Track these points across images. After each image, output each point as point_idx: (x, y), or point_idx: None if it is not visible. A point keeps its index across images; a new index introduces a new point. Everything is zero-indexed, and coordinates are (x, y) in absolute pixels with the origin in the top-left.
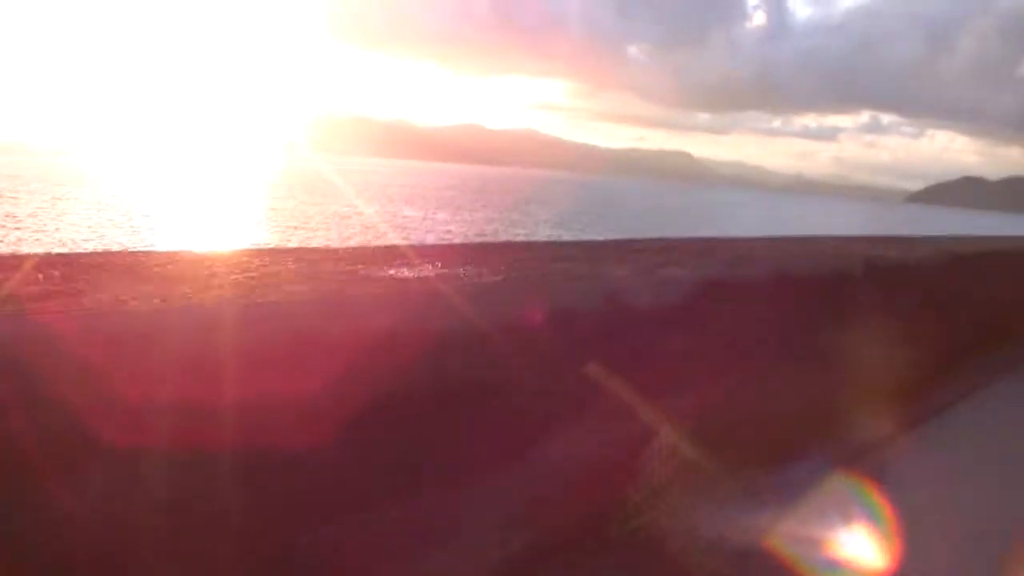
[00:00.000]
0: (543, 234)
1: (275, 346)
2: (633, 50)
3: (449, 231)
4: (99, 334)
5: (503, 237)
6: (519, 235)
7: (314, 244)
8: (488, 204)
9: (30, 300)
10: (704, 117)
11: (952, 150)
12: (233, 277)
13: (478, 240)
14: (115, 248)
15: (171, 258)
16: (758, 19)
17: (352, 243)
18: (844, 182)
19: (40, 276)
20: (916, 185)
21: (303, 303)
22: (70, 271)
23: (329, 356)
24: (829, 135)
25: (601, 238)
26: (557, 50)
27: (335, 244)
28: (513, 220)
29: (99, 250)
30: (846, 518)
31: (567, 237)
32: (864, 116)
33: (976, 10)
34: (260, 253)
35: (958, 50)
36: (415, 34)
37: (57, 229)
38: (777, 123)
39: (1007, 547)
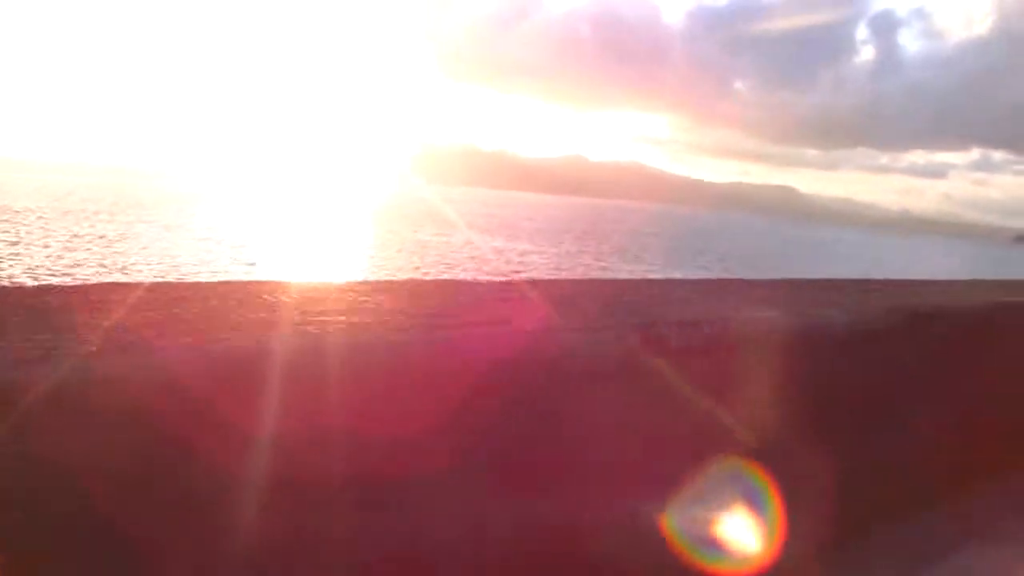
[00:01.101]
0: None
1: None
2: (739, 85)
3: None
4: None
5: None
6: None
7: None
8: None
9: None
10: (811, 153)
11: None
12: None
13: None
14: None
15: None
16: (866, 53)
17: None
18: (952, 220)
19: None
20: None
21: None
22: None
23: None
24: (938, 172)
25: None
26: (662, 85)
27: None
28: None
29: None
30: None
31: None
32: (974, 153)
33: None
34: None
35: None
36: (521, 68)
37: (173, 255)
38: (885, 159)
39: None
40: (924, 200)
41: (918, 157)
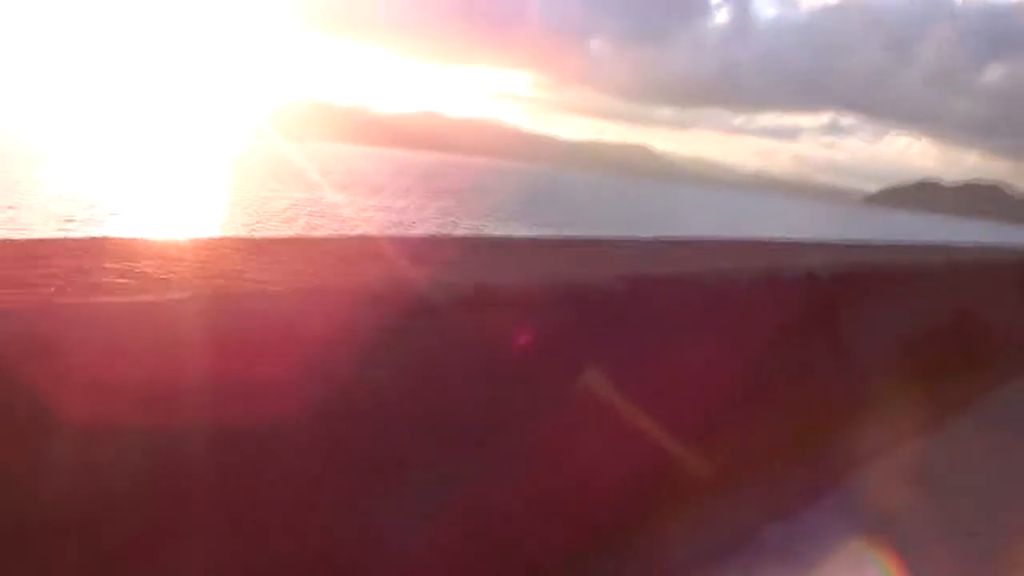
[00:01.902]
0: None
1: None
2: (595, 43)
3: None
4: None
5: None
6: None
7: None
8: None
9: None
10: (665, 112)
11: (910, 154)
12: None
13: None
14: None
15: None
16: (721, 17)
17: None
18: (804, 181)
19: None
20: (874, 187)
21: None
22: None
23: None
24: (790, 134)
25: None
26: (520, 40)
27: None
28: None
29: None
30: None
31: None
32: (825, 117)
33: (938, 15)
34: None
35: (920, 55)
36: (377, 21)
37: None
38: (739, 120)
39: None
40: (777, 161)
41: (771, 119)
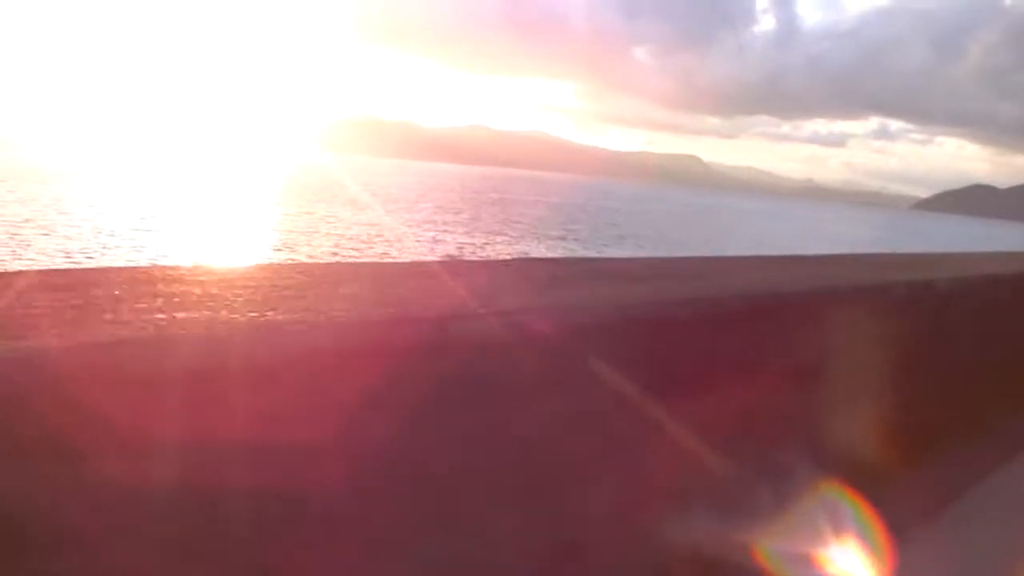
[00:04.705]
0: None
1: None
2: (640, 52)
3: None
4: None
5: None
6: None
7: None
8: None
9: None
10: (712, 121)
11: (961, 157)
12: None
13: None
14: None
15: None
16: (766, 23)
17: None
18: (854, 188)
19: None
20: (924, 192)
21: None
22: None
23: None
24: (838, 141)
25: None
26: (564, 51)
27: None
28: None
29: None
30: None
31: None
32: (873, 122)
33: (985, 17)
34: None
35: (967, 57)
36: (421, 32)
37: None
38: (786, 128)
39: None
40: (826, 168)
41: (819, 126)
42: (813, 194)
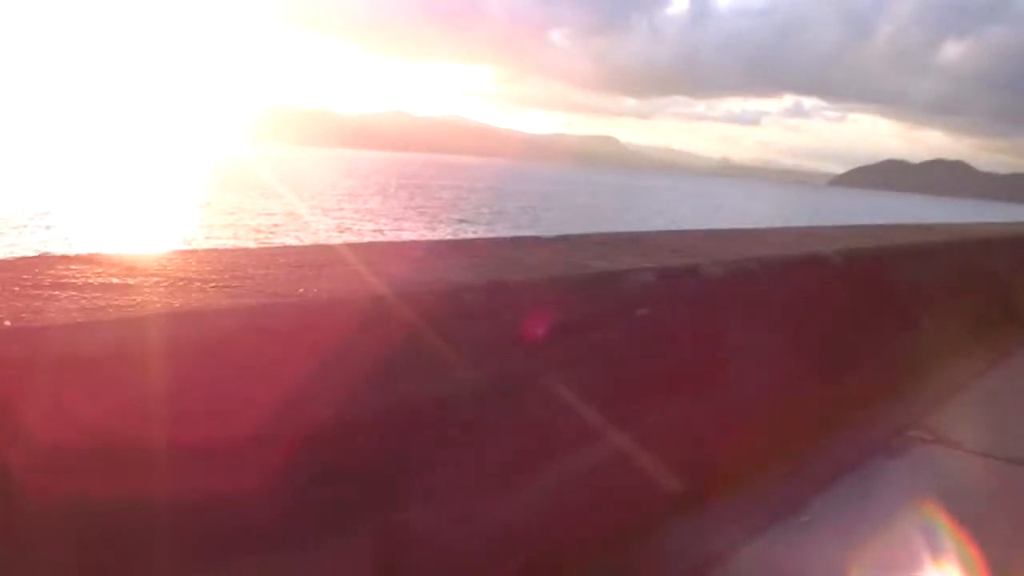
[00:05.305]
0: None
1: None
2: (556, 34)
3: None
4: None
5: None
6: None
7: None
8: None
9: None
10: (629, 102)
11: (874, 133)
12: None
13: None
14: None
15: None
16: (680, 4)
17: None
18: (770, 165)
19: None
20: (839, 168)
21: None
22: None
23: None
24: (753, 119)
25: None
26: (481, 36)
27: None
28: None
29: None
30: None
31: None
32: (787, 100)
33: None
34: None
35: (879, 35)
36: (339, 17)
37: None
38: (701, 107)
39: None
40: (742, 147)
41: (733, 105)
42: (729, 172)
